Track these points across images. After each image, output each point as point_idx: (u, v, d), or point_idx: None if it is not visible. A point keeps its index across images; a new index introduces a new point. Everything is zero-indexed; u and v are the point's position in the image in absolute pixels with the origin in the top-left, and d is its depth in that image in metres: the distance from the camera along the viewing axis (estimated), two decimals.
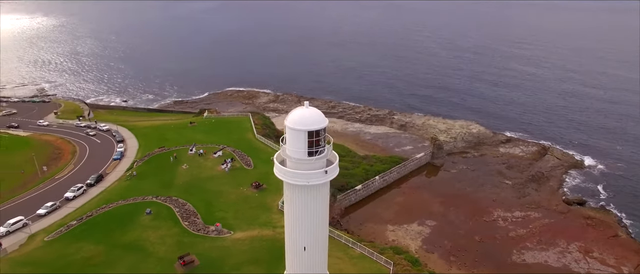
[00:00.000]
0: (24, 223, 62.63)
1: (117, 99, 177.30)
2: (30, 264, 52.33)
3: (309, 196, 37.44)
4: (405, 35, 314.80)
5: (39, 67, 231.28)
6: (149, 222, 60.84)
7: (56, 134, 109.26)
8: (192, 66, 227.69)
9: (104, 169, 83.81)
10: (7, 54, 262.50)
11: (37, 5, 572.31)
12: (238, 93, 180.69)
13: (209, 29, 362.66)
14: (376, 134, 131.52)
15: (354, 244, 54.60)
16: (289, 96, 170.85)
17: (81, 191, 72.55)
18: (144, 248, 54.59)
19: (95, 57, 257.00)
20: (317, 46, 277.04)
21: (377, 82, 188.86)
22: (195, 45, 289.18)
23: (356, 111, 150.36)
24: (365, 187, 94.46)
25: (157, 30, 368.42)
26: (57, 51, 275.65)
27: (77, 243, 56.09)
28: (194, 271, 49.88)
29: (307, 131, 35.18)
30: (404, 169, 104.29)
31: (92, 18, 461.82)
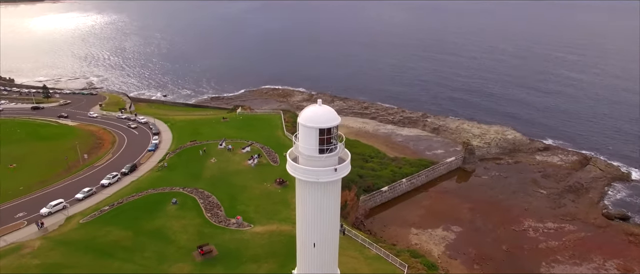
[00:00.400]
0: (64, 205, 67.03)
1: (157, 93, 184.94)
2: (66, 243, 55.91)
3: (319, 193, 37.73)
4: (445, 36, 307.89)
5: (89, 62, 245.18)
6: (174, 211, 63.35)
7: (99, 125, 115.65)
8: (231, 64, 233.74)
9: (139, 159, 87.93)
10: (62, 49, 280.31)
11: (93, 5, 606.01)
12: (273, 91, 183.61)
13: (250, 28, 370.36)
14: (408, 137, 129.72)
15: (370, 244, 54.33)
16: (323, 95, 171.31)
17: (116, 178, 76.56)
18: (167, 235, 56.95)
19: (139, 54, 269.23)
20: (354, 46, 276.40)
21: (413, 84, 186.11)
22: (236, 44, 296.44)
23: (389, 112, 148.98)
24: (392, 189, 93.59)
25: (200, 28, 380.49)
26: (106, 47, 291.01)
27: (107, 226, 59.35)
28: (211, 260, 51.50)
29: (319, 129, 35.40)
30: (433, 173, 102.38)
31: (140, 16, 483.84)
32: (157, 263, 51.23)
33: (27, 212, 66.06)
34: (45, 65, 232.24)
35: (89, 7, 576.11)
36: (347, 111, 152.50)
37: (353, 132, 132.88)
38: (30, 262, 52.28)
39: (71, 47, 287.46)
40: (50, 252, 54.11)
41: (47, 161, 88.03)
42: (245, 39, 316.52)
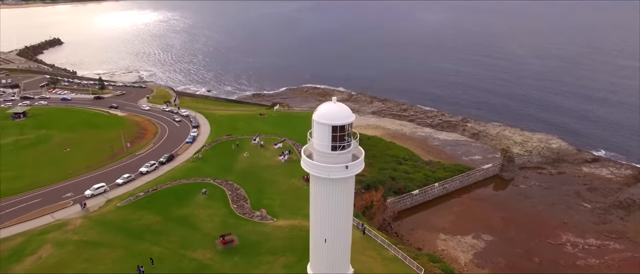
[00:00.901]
0: (105, 189, 71.86)
1: (202, 88, 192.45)
2: (103, 224, 60.03)
3: (331, 189, 38.22)
4: (493, 40, 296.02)
5: (140, 58, 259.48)
6: (203, 201, 66.06)
7: (145, 116, 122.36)
8: (276, 62, 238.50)
9: (177, 150, 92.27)
10: (119, 45, 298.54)
11: (149, 4, 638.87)
12: (314, 90, 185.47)
13: (298, 28, 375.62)
14: (445, 141, 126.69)
15: (389, 246, 53.88)
16: (363, 96, 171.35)
17: (153, 167, 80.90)
18: (193, 223, 59.56)
19: (188, 51, 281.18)
20: (399, 47, 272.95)
21: (455, 87, 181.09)
22: (282, 43, 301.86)
23: (428, 115, 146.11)
24: (423, 193, 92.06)
25: (248, 27, 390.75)
26: (157, 44, 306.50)
27: (140, 211, 63.01)
28: (231, 249, 53.33)
29: (332, 126, 35.93)
30: (468, 179, 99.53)
31: (192, 15, 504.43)
32: (181, 247, 53.78)
33: (73, 193, 71.50)
34: (103, 60, 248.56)
35: (145, 6, 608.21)
36: (386, 112, 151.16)
37: (389, 134, 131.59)
38: (71, 237, 56.65)
39: (126, 44, 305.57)
40: (89, 230, 58.32)
41: (95, 147, 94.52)
42: (291, 38, 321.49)
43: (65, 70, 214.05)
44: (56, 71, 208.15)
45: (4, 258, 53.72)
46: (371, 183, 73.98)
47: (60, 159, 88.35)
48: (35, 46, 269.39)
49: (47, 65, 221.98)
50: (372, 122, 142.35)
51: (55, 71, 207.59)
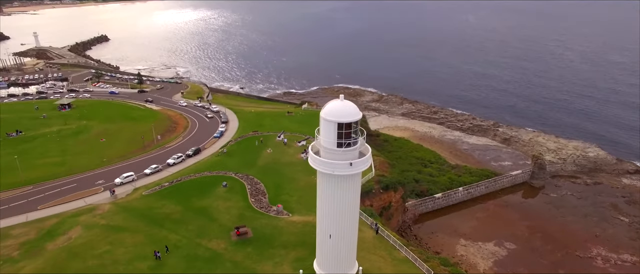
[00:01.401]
0: (133, 178, 75.63)
1: (236, 86, 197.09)
2: (128, 210, 63.27)
3: (336, 185, 38.69)
4: (532, 42, 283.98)
5: (178, 55, 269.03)
6: (222, 193, 68.12)
7: (178, 111, 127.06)
8: (309, 61, 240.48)
9: (204, 144, 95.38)
10: (159, 42, 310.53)
11: (190, 3, 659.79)
12: (345, 90, 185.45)
13: (333, 28, 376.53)
14: (474, 145, 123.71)
15: (401, 247, 53.57)
16: (393, 97, 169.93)
17: (180, 159, 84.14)
18: (211, 214, 61.60)
19: (223, 49, 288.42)
20: (432, 49, 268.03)
21: (489, 91, 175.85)
22: (316, 43, 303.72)
23: (459, 118, 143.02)
24: (446, 196, 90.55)
25: (284, 26, 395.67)
26: (194, 42, 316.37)
27: (163, 200, 65.86)
28: (245, 241, 54.82)
29: (337, 123, 36.41)
30: (495, 185, 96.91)
31: (230, 14, 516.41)
32: (198, 236, 55.84)
33: (105, 180, 75.69)
34: (144, 56, 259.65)
35: (187, 5, 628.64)
36: (415, 114, 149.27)
37: (417, 136, 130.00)
38: (99, 221, 60.13)
39: (166, 41, 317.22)
40: (115, 215, 61.64)
41: (129, 138, 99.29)
42: (325, 38, 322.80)
43: (109, 65, 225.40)
44: (101, 65, 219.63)
45: (39, 236, 57.82)
46: (390, 184, 73.54)
47: (97, 148, 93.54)
48: (85, 42, 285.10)
49: (93, 60, 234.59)
50: (401, 124, 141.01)
51: (100, 65, 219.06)
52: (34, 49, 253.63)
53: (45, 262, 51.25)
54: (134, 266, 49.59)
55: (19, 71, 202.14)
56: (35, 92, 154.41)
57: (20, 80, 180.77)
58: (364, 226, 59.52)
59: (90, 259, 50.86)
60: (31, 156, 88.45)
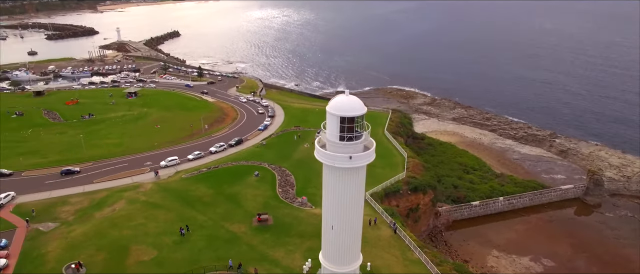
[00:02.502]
0: (177, 162, 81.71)
1: (291, 83, 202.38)
2: (166, 190, 68.77)
3: (339, 177, 39.79)
4: (604, 49, 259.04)
5: (240, 51, 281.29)
6: (253, 182, 71.52)
7: (230, 104, 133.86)
8: (366, 62, 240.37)
9: (247, 135, 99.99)
10: (223, 39, 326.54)
11: (257, 3, 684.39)
12: (398, 92, 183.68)
13: (396, 29, 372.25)
14: (526, 155, 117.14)
15: (415, 248, 53.11)
16: (446, 101, 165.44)
17: (222, 148, 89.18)
18: (239, 200, 65.08)
19: (284, 47, 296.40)
20: (494, 53, 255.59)
21: (554, 101, 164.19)
22: (376, 44, 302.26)
23: (513, 126, 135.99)
24: (484, 205, 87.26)
25: (346, 27, 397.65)
26: (257, 39, 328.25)
27: (198, 184, 70.66)
28: (265, 227, 57.47)
29: (340, 117, 37.46)
30: (540, 198, 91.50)
31: (294, 13, 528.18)
32: (222, 219, 59.47)
33: (152, 162, 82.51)
34: (209, 51, 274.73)
35: (254, 5, 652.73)
36: (467, 119, 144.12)
37: (465, 142, 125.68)
38: (140, 197, 66.09)
39: (230, 38, 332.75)
40: (154, 194, 67.32)
41: (180, 126, 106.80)
42: (386, 39, 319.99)
43: (177, 59, 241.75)
44: (170, 59, 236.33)
45: (90, 205, 64.94)
46: (420, 186, 72.48)
47: (151, 133, 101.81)
48: (158, 37, 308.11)
49: (163, 54, 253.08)
50: (450, 129, 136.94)
51: (169, 59, 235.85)
52: (115, 43, 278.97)
53: (91, 228, 57.57)
54: (160, 239, 54.17)
55: (101, 62, 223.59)
56: (110, 81, 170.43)
57: (101, 70, 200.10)
58: (383, 224, 59.77)
59: (126, 229, 56.32)
60: (96, 137, 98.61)
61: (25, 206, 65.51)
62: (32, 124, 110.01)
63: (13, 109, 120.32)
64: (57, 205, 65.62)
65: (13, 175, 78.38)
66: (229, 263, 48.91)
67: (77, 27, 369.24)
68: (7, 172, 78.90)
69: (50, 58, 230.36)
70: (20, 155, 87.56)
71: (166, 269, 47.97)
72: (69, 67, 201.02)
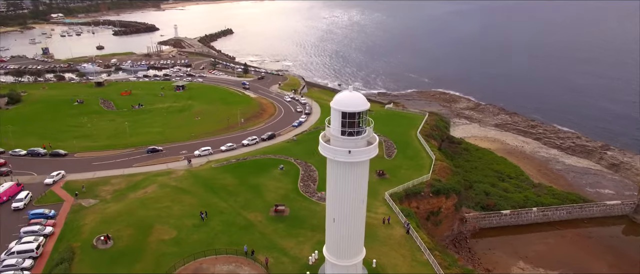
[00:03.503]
0: (209, 152, 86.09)
1: (335, 82, 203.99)
2: (195, 177, 72.86)
3: (338, 171, 40.97)
4: None
5: (288, 49, 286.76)
6: (276, 175, 73.86)
7: (271, 99, 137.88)
8: (413, 64, 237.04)
9: (280, 131, 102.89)
10: (274, 37, 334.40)
11: (312, 3, 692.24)
12: (441, 95, 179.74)
13: (446, 31, 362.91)
14: (570, 167, 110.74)
15: (425, 250, 52.66)
16: (490, 107, 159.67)
17: (254, 141, 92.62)
18: (260, 191, 67.59)
19: (330, 47, 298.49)
20: (549, 58, 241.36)
21: (608, 109, 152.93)
22: (424, 45, 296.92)
23: (560, 136, 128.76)
24: (515, 215, 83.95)
25: (397, 28, 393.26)
26: (305, 39, 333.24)
27: (225, 173, 74.14)
28: (280, 218, 59.45)
29: (342, 112, 38.54)
30: (580, 212, 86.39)
31: (341, 14, 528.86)
32: (241, 207, 62.21)
33: (187, 151, 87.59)
34: (258, 49, 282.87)
35: (305, 5, 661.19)
36: (510, 126, 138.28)
37: (505, 149, 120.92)
38: (170, 183, 70.61)
39: (280, 36, 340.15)
40: (184, 180, 71.63)
41: (219, 119, 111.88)
42: (435, 41, 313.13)
43: (227, 55, 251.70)
44: (220, 55, 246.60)
45: (126, 187, 70.40)
46: (442, 189, 71.19)
47: (191, 124, 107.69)
48: (212, 34, 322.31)
49: (215, 51, 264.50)
50: (491, 135, 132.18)
51: (219, 55, 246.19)
52: (172, 39, 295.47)
53: (123, 206, 62.55)
54: (182, 221, 57.83)
55: (158, 56, 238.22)
56: (163, 75, 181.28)
57: (157, 64, 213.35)
58: (397, 224, 59.68)
59: (152, 210, 60.62)
60: (141, 125, 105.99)
61: (73, 184, 72.33)
62: (90, 111, 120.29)
63: (76, 97, 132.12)
64: (100, 184, 71.80)
65: (67, 156, 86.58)
66: (244, 248, 51.29)
67: (140, 24, 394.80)
68: (63, 152, 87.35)
69: (114, 52, 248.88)
70: (75, 138, 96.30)
71: (182, 249, 51.26)
72: (129, 61, 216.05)
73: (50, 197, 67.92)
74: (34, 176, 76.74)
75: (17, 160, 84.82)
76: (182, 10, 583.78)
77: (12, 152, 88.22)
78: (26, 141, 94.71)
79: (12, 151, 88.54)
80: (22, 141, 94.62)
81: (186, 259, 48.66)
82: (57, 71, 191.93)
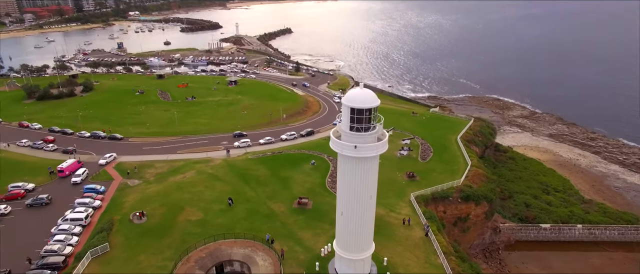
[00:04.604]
0: (248, 144, 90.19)
1: (386, 84, 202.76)
2: (230, 166, 76.92)
3: (346, 166, 42.28)
4: None
5: (343, 50, 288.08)
6: (307, 169, 75.89)
7: (317, 97, 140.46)
8: (469, 68, 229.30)
9: (320, 128, 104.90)
10: (330, 37, 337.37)
11: (374, 3, 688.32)
12: (494, 102, 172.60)
13: (511, 34, 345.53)
14: (633, 185, 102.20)
15: (441, 254, 51.93)
16: (547, 116, 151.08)
17: (292, 137, 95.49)
18: (288, 183, 69.97)
19: (385, 49, 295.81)
20: (619, 66, 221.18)
21: None
22: (485, 50, 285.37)
23: (624, 151, 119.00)
24: (556, 230, 79.56)
25: (459, 31, 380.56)
26: (362, 40, 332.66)
27: (259, 165, 77.45)
28: (302, 210, 61.34)
29: (350, 107, 39.58)
30: (636, 235, 79.61)
31: (401, 15, 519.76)
32: (268, 197, 64.97)
33: (228, 142, 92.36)
34: (313, 48, 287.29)
35: (366, 6, 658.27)
36: (566, 137, 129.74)
37: (557, 161, 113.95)
38: (207, 170, 75.22)
39: (337, 37, 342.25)
40: (219, 168, 75.95)
41: (262, 113, 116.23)
42: (497, 46, 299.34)
43: (283, 54, 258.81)
44: (276, 54, 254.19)
45: (168, 171, 76.13)
46: (472, 195, 69.17)
47: (237, 117, 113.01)
48: (271, 33, 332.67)
49: (272, 49, 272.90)
50: (543, 145, 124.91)
51: (276, 54, 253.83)
52: (233, 37, 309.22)
53: (162, 188, 67.87)
54: (210, 205, 61.71)
55: (217, 52, 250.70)
56: (219, 70, 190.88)
57: (216, 60, 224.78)
58: (418, 226, 59.31)
59: (186, 194, 65.19)
60: (191, 116, 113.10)
61: (124, 165, 79.51)
62: (148, 101, 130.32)
63: (137, 88, 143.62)
64: (146, 167, 78.24)
65: (122, 140, 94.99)
66: (266, 236, 53.71)
67: (205, 22, 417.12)
68: (119, 137, 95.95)
69: (178, 48, 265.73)
70: (131, 124, 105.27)
71: (206, 230, 54.89)
72: (191, 56, 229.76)
73: (103, 176, 75.28)
74: (93, 155, 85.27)
75: (82, 141, 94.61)
76: (246, 10, 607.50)
77: (78, 134, 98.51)
78: (92, 125, 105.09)
79: (79, 133, 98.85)
80: (89, 125, 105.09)
81: (207, 240, 52.09)
82: (126, 63, 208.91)
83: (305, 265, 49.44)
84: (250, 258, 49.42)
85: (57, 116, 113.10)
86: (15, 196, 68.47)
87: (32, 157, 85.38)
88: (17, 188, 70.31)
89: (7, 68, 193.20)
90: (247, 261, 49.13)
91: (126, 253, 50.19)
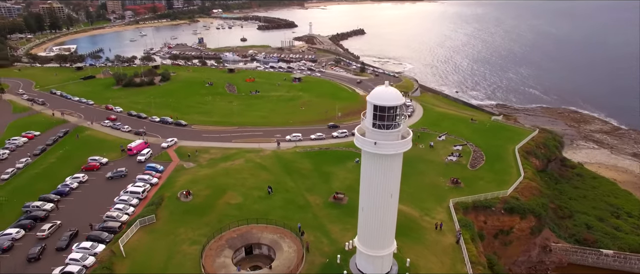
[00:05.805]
0: (299, 138, 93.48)
1: (453, 89, 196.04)
2: (278, 158, 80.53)
3: (367, 162, 43.30)
4: None
5: (413, 53, 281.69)
6: (350, 166, 76.97)
7: None
8: (547, 77, 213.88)
9: None
10: (403, 40, 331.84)
11: (456, 3, 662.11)
12: (570, 114, 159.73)
13: (602, 41, 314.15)
14: None
15: (468, 262, 50.39)
16: (633, 133, 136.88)
17: (343, 134, 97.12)
18: (329, 178, 71.66)
19: (457, 54, 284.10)
20: None
21: None
22: (570, 56, 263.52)
23: None
24: (620, 258, 73.36)
25: (539, 36, 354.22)
26: (433, 43, 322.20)
27: (304, 159, 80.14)
28: (337, 204, 62.79)
29: (374, 105, 40.45)
30: None
31: (478, 16, 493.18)
32: (306, 190, 67.34)
33: (280, 135, 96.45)
34: (383, 50, 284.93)
35: (443, 10, 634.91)
36: None
37: (635, 183, 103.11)
38: (255, 159, 79.58)
39: (407, 39, 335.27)
40: (267, 158, 79.93)
41: (320, 110, 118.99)
42: (586, 51, 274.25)
43: (352, 54, 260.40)
44: (346, 54, 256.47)
45: (220, 157, 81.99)
46: (517, 208, 65.48)
47: (294, 112, 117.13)
48: (343, 33, 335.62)
49: (342, 49, 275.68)
50: (622, 165, 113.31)
51: (345, 54, 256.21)
52: (306, 36, 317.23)
53: (211, 172, 73.35)
54: (250, 191, 65.59)
55: (289, 50, 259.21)
56: (287, 67, 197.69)
57: (286, 57, 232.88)
58: (450, 232, 58.04)
59: (231, 179, 69.82)
60: (251, 109, 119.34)
61: (184, 149, 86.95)
62: (215, 92, 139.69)
63: (207, 80, 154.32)
64: (202, 152, 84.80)
65: (186, 126, 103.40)
66: (298, 225, 56.16)
67: (281, 21, 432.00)
68: (184, 123, 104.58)
69: (253, 44, 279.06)
70: (197, 113, 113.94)
71: (242, 213, 58.65)
72: (263, 53, 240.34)
73: (164, 157, 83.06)
74: (159, 138, 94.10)
75: (152, 125, 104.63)
76: (323, 10, 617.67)
77: (150, 119, 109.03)
78: (163, 111, 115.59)
79: (151, 118, 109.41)
80: (160, 111, 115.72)
81: (241, 222, 55.71)
82: (202, 57, 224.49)
83: (328, 256, 50.89)
84: (277, 244, 52.04)
85: (136, 101, 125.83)
86: (92, 168, 78.49)
87: (110, 136, 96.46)
88: (94, 161, 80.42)
89: (105, 58, 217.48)
90: (274, 246, 51.81)
91: (168, 226, 55.56)
